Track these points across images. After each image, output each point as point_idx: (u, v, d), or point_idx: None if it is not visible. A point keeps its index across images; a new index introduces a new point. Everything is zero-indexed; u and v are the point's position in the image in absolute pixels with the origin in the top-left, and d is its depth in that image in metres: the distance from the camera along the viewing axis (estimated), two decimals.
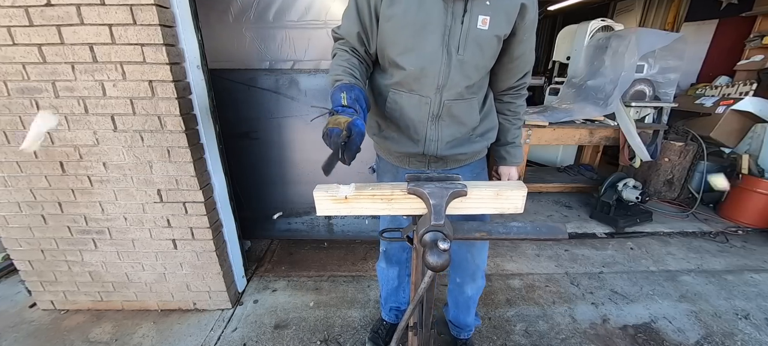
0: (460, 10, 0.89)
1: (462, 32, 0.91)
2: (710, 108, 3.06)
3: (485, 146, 1.17)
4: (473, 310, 1.49)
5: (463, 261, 1.33)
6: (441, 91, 0.98)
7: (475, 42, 0.92)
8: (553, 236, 0.72)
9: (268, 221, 2.37)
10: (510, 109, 1.16)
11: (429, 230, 0.65)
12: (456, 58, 0.93)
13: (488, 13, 0.90)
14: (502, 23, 0.92)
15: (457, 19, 0.90)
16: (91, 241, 1.64)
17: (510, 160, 1.23)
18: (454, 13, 0.89)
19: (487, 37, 0.93)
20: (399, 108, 1.04)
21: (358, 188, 0.74)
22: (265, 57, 1.97)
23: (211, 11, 1.85)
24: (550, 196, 3.37)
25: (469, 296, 1.42)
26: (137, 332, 1.69)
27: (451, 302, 1.53)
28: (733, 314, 1.81)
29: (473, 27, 0.90)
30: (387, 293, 1.55)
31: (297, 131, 2.10)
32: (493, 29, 0.92)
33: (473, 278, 1.36)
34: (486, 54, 0.96)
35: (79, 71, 1.31)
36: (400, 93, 1.02)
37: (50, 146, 1.44)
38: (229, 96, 1.99)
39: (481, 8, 0.89)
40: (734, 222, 2.80)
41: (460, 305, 1.47)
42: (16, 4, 1.21)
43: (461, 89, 0.99)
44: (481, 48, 0.94)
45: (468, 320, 1.52)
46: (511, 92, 1.13)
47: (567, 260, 2.30)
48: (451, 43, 0.92)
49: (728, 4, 3.54)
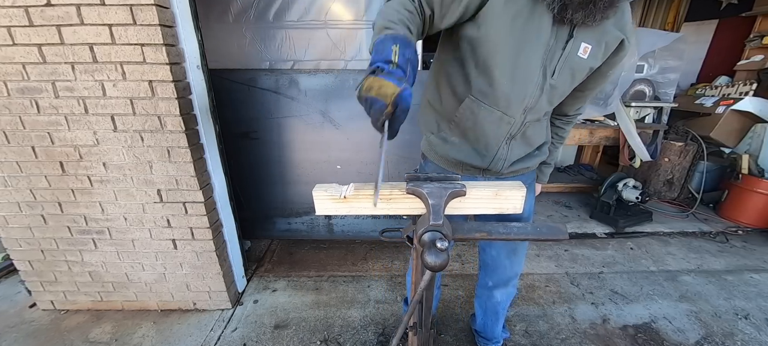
0: (565, 34, 0.82)
1: (561, 57, 0.84)
2: (710, 108, 3.06)
3: (540, 160, 1.13)
4: (502, 318, 1.41)
5: (500, 267, 1.25)
6: (526, 113, 0.92)
7: (570, 69, 0.86)
8: (554, 237, 0.72)
9: (268, 221, 2.37)
10: (557, 133, 1.15)
11: (428, 230, 0.65)
12: (549, 82, 0.87)
13: (591, 42, 0.83)
14: (599, 54, 0.86)
15: (560, 42, 0.82)
16: (91, 241, 1.64)
17: (541, 177, 1.24)
18: (557, 36, 0.82)
19: (582, 67, 0.87)
20: (474, 119, 0.94)
21: (357, 187, 0.74)
22: (265, 57, 1.97)
23: (211, 11, 1.85)
24: (550, 196, 3.37)
25: (498, 302, 1.34)
26: (137, 332, 1.69)
27: (478, 308, 1.44)
28: (733, 314, 1.81)
29: (573, 54, 0.84)
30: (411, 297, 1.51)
31: (297, 131, 2.10)
32: (591, 60, 0.86)
33: (506, 285, 1.29)
34: (575, 82, 0.91)
35: (79, 71, 1.31)
36: (480, 104, 0.91)
37: (50, 146, 1.44)
38: (229, 96, 1.99)
39: (585, 36, 0.82)
40: (734, 222, 2.79)
41: (489, 311, 1.39)
42: (16, 4, 1.21)
43: (542, 113, 0.96)
44: (573, 76, 0.88)
45: (496, 331, 1.44)
46: (564, 119, 1.11)
47: (567, 260, 2.30)
48: (547, 66, 0.85)
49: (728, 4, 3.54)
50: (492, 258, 1.27)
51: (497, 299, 1.33)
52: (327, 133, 2.08)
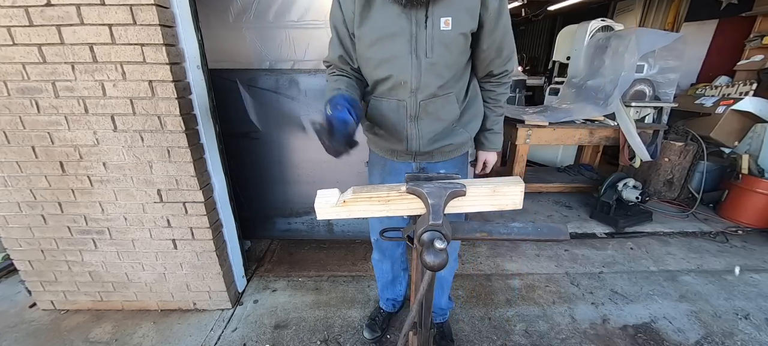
0: (422, 17, 0.95)
1: (427, 36, 0.97)
2: (710, 108, 3.06)
3: (468, 137, 1.21)
4: (447, 292, 1.56)
5: None
6: (415, 94, 1.05)
7: (442, 43, 0.98)
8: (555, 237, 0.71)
9: (268, 221, 2.38)
10: (490, 96, 1.20)
11: (427, 230, 0.65)
12: (425, 61, 1.00)
13: (449, 13, 0.95)
14: (465, 20, 0.96)
15: (421, 25, 0.96)
16: (91, 241, 1.64)
17: (487, 145, 1.27)
18: (417, 20, 0.95)
19: (452, 37, 0.97)
20: (379, 113, 1.12)
21: (356, 191, 0.75)
22: (265, 57, 1.97)
23: (211, 11, 1.85)
24: (550, 196, 3.37)
25: (443, 276, 1.48)
26: (137, 332, 1.69)
27: None
28: (733, 314, 1.81)
29: (437, 30, 0.96)
30: (383, 285, 1.62)
31: (297, 131, 2.10)
32: (457, 28, 0.96)
33: None
34: (454, 52, 1.01)
35: (79, 71, 1.31)
36: (380, 100, 1.11)
37: (50, 146, 1.44)
38: (229, 96, 2.00)
39: (442, 10, 0.94)
40: (734, 222, 2.79)
41: None
42: (16, 4, 1.21)
43: (434, 89, 1.05)
44: (448, 48, 0.99)
45: (442, 303, 1.56)
46: (492, 81, 1.16)
47: (567, 260, 2.30)
48: (418, 48, 0.98)
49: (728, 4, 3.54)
50: None
51: (442, 273, 1.46)
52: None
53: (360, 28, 1.00)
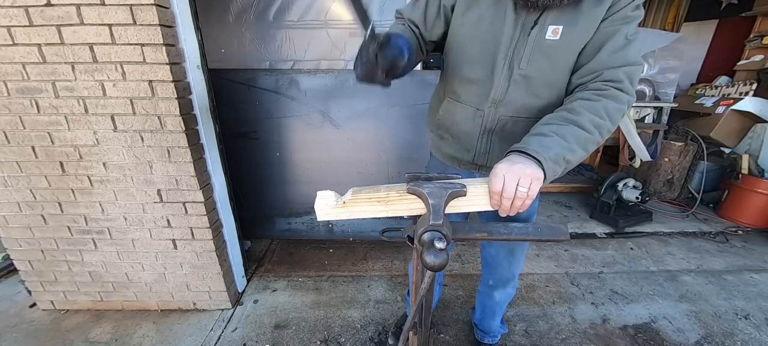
0: (531, 23, 0.82)
1: (527, 45, 0.84)
2: (710, 108, 3.06)
3: None
4: (499, 316, 1.47)
5: (499, 266, 1.28)
6: (497, 106, 0.92)
7: (544, 55, 0.84)
8: (555, 238, 0.71)
9: (268, 221, 2.37)
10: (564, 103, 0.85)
11: (427, 230, 0.65)
12: (517, 72, 0.87)
13: (562, 23, 0.80)
14: (584, 29, 0.80)
15: (525, 30, 0.83)
16: (91, 241, 1.64)
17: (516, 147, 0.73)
18: (523, 26, 0.83)
19: (557, 48, 0.83)
20: (452, 117, 1.02)
21: (355, 191, 0.74)
22: (265, 57, 1.97)
23: (211, 11, 1.85)
24: (550, 196, 3.37)
25: (497, 302, 1.39)
26: (137, 332, 1.69)
27: (478, 304, 1.51)
28: (733, 314, 1.81)
29: (541, 39, 0.82)
30: None
31: (297, 131, 2.09)
32: (569, 37, 0.81)
33: (505, 285, 1.32)
34: (560, 67, 0.85)
35: (79, 71, 1.31)
36: (455, 103, 1.00)
37: (50, 146, 1.44)
38: (229, 96, 1.99)
39: (555, 19, 0.81)
40: (734, 222, 2.79)
41: (486, 309, 1.45)
42: (16, 4, 1.21)
43: (525, 107, 0.91)
44: (550, 60, 0.84)
45: (493, 326, 1.50)
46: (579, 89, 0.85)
47: (567, 260, 2.30)
48: (514, 56, 0.86)
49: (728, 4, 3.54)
50: (491, 256, 1.31)
51: (496, 299, 1.38)
52: (327, 133, 2.08)
53: (465, 14, 0.88)
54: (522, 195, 0.64)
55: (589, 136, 0.74)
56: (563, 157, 0.70)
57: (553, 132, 0.72)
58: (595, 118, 0.75)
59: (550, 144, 0.70)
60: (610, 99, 0.77)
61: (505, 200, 0.65)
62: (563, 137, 0.71)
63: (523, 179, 0.64)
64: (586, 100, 0.78)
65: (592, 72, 0.81)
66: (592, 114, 0.75)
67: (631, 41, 0.79)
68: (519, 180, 0.64)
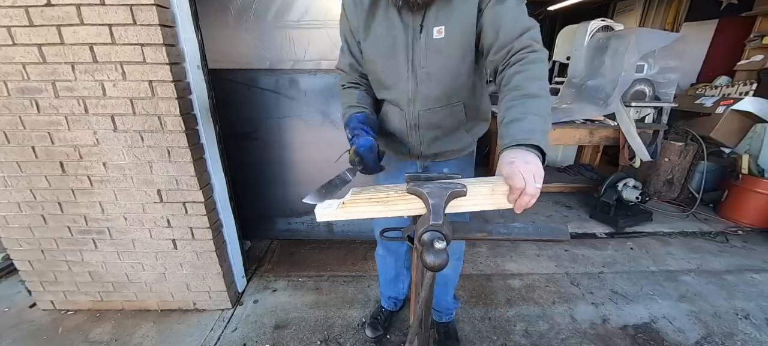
0: (418, 25, 0.94)
1: (421, 46, 0.96)
2: (710, 108, 3.06)
3: (471, 141, 1.20)
4: (451, 291, 1.55)
5: None
6: (413, 103, 1.05)
7: (436, 52, 0.96)
8: (555, 238, 0.71)
9: (268, 221, 2.37)
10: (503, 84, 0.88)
11: (427, 230, 0.65)
12: (421, 71, 0.99)
13: (442, 22, 0.93)
14: (463, 25, 0.92)
15: (416, 34, 0.95)
16: (91, 241, 1.64)
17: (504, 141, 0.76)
18: (413, 29, 0.95)
19: (446, 43, 0.95)
20: (387, 118, 1.15)
21: (355, 192, 0.75)
22: (265, 57, 1.97)
23: (211, 11, 1.85)
24: (550, 196, 3.37)
25: (447, 275, 1.47)
26: (137, 332, 1.69)
27: None
28: (733, 314, 1.81)
29: (430, 39, 0.95)
30: (385, 281, 1.61)
31: (297, 131, 2.10)
32: (451, 34, 0.93)
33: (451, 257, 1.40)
34: (452, 60, 0.97)
35: (79, 71, 1.31)
36: (386, 105, 1.14)
37: (50, 146, 1.44)
38: (229, 96, 1.99)
39: (436, 21, 0.93)
40: (734, 222, 2.79)
41: (438, 285, 1.50)
42: (16, 4, 1.21)
43: (436, 99, 1.03)
44: (443, 55, 0.96)
45: (447, 301, 1.56)
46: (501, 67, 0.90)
47: (567, 260, 2.30)
48: (414, 58, 0.98)
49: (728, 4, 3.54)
50: None
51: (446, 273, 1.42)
52: (327, 133, 2.08)
53: (365, 42, 1.02)
54: (538, 191, 0.68)
55: (545, 100, 0.80)
56: (544, 129, 0.75)
57: (522, 113, 0.76)
58: (539, 83, 0.81)
59: (531, 126, 0.73)
60: (533, 63, 0.84)
61: (526, 197, 0.67)
62: (534, 113, 0.76)
63: (537, 174, 0.68)
64: (518, 74, 0.83)
65: (502, 48, 0.89)
66: (533, 81, 0.81)
67: (517, 12, 0.89)
68: (535, 176, 0.67)
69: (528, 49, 0.85)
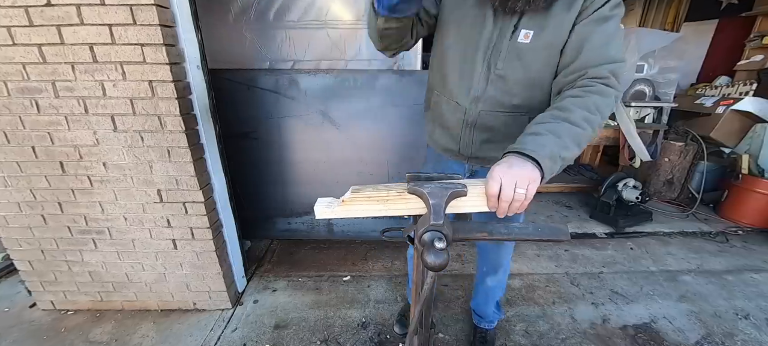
0: (509, 26, 0.89)
1: (503, 47, 0.91)
2: (710, 108, 3.06)
3: None
4: (493, 302, 1.55)
5: (489, 253, 1.41)
6: (476, 103, 0.99)
7: (516, 56, 0.90)
8: (556, 238, 0.71)
9: (268, 221, 2.37)
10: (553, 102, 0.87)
11: (428, 230, 0.64)
12: (495, 73, 0.94)
13: (533, 28, 0.87)
14: (554, 35, 0.86)
15: (504, 34, 0.90)
16: (91, 241, 1.64)
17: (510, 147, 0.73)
18: (501, 29, 0.90)
19: (529, 50, 0.89)
20: (439, 109, 1.10)
21: (355, 190, 0.74)
22: (265, 57, 1.97)
23: (211, 11, 1.85)
24: (550, 196, 3.37)
25: (489, 287, 1.48)
26: (137, 332, 1.69)
27: (475, 289, 1.60)
28: (733, 314, 1.81)
29: (515, 42, 0.89)
30: None
31: (297, 131, 2.09)
32: (538, 41, 0.87)
33: (495, 271, 1.43)
34: (532, 68, 0.91)
35: (79, 71, 1.31)
36: (440, 96, 1.09)
37: (50, 146, 1.44)
38: (229, 96, 1.99)
39: (529, 23, 0.87)
40: (734, 222, 2.79)
41: (480, 294, 1.55)
42: (16, 4, 1.21)
43: (502, 105, 0.97)
44: (522, 61, 0.91)
45: (488, 311, 1.57)
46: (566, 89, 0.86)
47: (567, 260, 2.30)
48: (492, 57, 0.93)
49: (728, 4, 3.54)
50: (482, 245, 1.44)
51: (488, 284, 1.48)
52: (327, 133, 2.08)
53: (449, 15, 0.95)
54: (520, 197, 0.65)
55: (582, 132, 0.75)
56: (559, 155, 0.71)
57: (547, 130, 0.73)
58: (586, 114, 0.76)
59: (545, 142, 0.70)
60: (597, 94, 0.78)
61: (503, 203, 0.65)
62: (557, 135, 0.72)
63: (520, 180, 0.64)
64: (575, 97, 0.79)
65: (576, 71, 0.84)
66: (583, 110, 0.76)
67: (611, 39, 0.82)
68: (516, 182, 0.64)
69: (601, 79, 0.80)
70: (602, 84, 0.79)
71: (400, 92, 1.96)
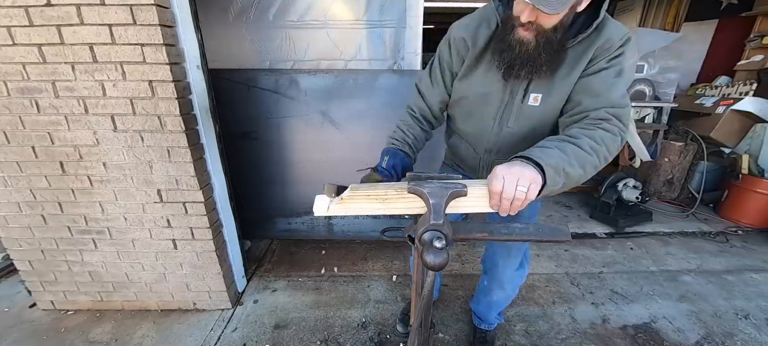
0: (519, 89, 0.96)
1: (514, 108, 0.99)
2: (710, 108, 3.06)
3: None
4: (496, 311, 1.54)
5: (494, 267, 1.37)
6: (490, 153, 1.11)
7: (526, 117, 0.99)
8: (556, 238, 0.71)
9: (268, 221, 2.37)
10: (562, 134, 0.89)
11: (427, 230, 0.64)
12: (506, 130, 1.03)
13: (541, 91, 0.93)
14: (561, 95, 0.92)
15: (515, 96, 0.97)
16: (91, 241, 1.64)
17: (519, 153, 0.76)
18: (512, 91, 0.97)
19: (536, 113, 0.97)
20: (457, 149, 1.22)
21: (354, 188, 0.74)
22: (265, 57, 1.97)
23: (211, 11, 1.85)
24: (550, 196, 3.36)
25: (495, 301, 1.46)
26: (137, 332, 1.69)
27: (477, 296, 1.58)
28: (733, 314, 1.81)
29: (526, 104, 0.97)
30: None
31: (297, 131, 2.10)
32: (546, 104, 0.94)
33: (501, 286, 1.40)
34: (542, 125, 1.00)
35: (79, 71, 1.31)
36: (459, 139, 1.20)
37: (50, 146, 1.44)
38: (229, 96, 1.99)
39: (537, 87, 0.93)
40: (734, 222, 2.79)
41: (483, 303, 1.53)
42: (16, 4, 1.21)
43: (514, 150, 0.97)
44: (531, 121, 0.99)
45: (489, 318, 1.57)
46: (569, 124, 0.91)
47: (567, 260, 2.30)
48: (504, 116, 1.02)
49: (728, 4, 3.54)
50: (488, 257, 1.40)
51: (494, 298, 1.45)
52: (327, 133, 2.08)
53: (460, 81, 1.04)
54: (521, 195, 0.66)
55: (587, 156, 0.77)
56: (563, 168, 0.72)
57: (554, 146, 0.76)
58: (592, 143, 0.78)
59: (552, 154, 0.73)
60: (603, 130, 0.81)
61: (505, 201, 0.67)
62: (563, 151, 0.75)
63: (522, 179, 0.66)
64: (582, 129, 0.83)
65: (578, 113, 0.88)
66: (589, 139, 0.79)
67: (613, 85, 0.85)
68: (518, 180, 0.66)
69: (605, 121, 0.82)
70: (606, 122, 0.82)
71: (400, 92, 1.96)
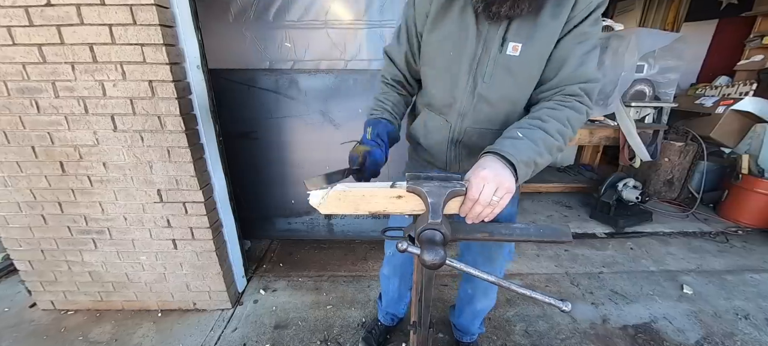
0: (494, 39, 0.85)
1: (489, 61, 0.87)
2: (710, 108, 3.06)
3: None
4: (480, 320, 1.50)
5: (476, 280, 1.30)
6: (463, 118, 0.97)
7: (505, 69, 0.87)
8: (558, 239, 0.71)
9: (268, 221, 2.37)
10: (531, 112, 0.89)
11: (426, 229, 0.65)
12: (482, 86, 0.91)
13: (521, 40, 0.83)
14: (542, 45, 0.84)
15: (490, 47, 0.86)
16: (91, 241, 1.64)
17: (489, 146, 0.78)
18: (486, 41, 0.86)
19: (519, 62, 0.86)
20: (425, 127, 1.08)
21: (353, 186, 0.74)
22: (265, 57, 1.96)
23: (211, 11, 1.85)
24: (550, 196, 3.37)
25: (478, 310, 1.42)
26: (137, 332, 1.69)
27: (458, 308, 1.52)
28: (733, 314, 1.81)
29: (503, 54, 0.86)
30: (387, 300, 1.56)
31: (297, 131, 2.09)
32: (527, 54, 0.85)
33: (486, 295, 1.37)
34: (519, 82, 0.89)
35: (79, 71, 1.31)
36: (428, 113, 1.06)
37: (50, 146, 1.44)
38: (229, 96, 1.99)
39: (515, 36, 0.84)
40: (734, 222, 2.79)
41: (466, 315, 1.47)
42: (16, 4, 1.21)
43: (488, 119, 0.95)
44: (511, 74, 0.88)
45: (473, 329, 1.52)
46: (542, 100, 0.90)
47: (567, 260, 2.30)
48: (477, 72, 0.90)
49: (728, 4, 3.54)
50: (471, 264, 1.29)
51: (477, 307, 1.41)
52: (327, 133, 2.07)
53: (429, 34, 0.93)
54: (493, 203, 0.68)
55: (555, 142, 0.79)
56: (533, 160, 0.75)
57: (524, 135, 0.77)
58: (559, 126, 0.81)
59: (522, 147, 0.74)
60: (571, 109, 0.83)
61: (478, 206, 0.68)
62: (533, 141, 0.76)
63: (500, 189, 0.68)
64: (551, 109, 0.84)
65: (552, 88, 0.87)
66: (557, 122, 0.81)
67: (587, 59, 0.84)
68: (496, 189, 0.67)
69: (575, 97, 0.84)
70: (576, 101, 0.84)
71: None
